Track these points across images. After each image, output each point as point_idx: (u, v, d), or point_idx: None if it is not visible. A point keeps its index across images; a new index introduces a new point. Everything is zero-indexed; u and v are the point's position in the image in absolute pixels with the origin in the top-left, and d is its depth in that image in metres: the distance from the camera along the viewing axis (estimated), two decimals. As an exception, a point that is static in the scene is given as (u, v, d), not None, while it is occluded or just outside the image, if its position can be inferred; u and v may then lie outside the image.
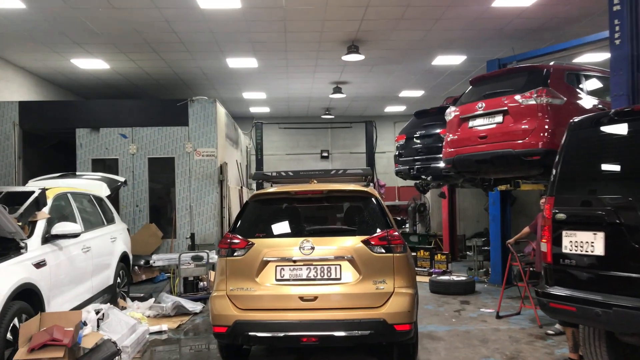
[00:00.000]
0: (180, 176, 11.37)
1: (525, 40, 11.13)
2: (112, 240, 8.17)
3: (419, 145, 11.16)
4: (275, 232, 5.27)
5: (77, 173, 9.82)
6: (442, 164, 9.31)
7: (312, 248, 4.95)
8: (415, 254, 12.75)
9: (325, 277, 4.94)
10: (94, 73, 13.25)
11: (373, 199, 5.36)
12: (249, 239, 5.09)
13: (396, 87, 15.85)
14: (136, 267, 10.49)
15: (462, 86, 13.56)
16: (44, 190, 6.12)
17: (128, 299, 8.63)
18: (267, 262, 5.01)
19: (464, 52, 12.24)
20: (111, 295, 7.95)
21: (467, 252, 11.45)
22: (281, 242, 5.09)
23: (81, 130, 11.36)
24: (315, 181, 5.79)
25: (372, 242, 4.99)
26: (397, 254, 5.02)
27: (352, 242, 4.99)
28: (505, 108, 7.66)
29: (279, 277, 4.98)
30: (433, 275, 11.06)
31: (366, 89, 16.03)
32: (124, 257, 8.58)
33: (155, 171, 11.45)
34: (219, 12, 9.33)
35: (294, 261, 4.97)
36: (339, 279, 4.93)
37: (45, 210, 6.30)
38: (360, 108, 19.17)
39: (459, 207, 14.96)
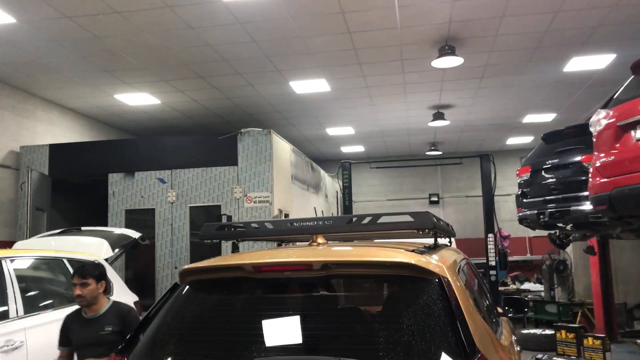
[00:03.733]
0: (227, 229, 8.89)
1: None
2: (89, 324, 5.73)
3: (551, 180, 7.89)
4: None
5: (83, 228, 7.74)
6: (588, 205, 5.99)
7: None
8: (553, 333, 8.98)
9: None
10: (147, 110, 11.51)
11: (432, 284, 2.32)
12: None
13: (517, 109, 12.34)
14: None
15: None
16: None
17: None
18: None
19: (613, 47, 8.64)
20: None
21: (638, 341, 7.65)
22: None
23: (114, 176, 9.43)
24: (319, 241, 2.86)
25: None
26: None
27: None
28: None
29: None
30: (583, 376, 7.33)
31: (478, 114, 12.70)
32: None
33: (198, 222, 9.07)
34: (253, 7, 6.92)
35: None
36: None
37: None
38: (475, 141, 15.72)
39: (614, 265, 10.86)
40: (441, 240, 3.84)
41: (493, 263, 12.52)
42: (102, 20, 7.16)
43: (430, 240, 3.27)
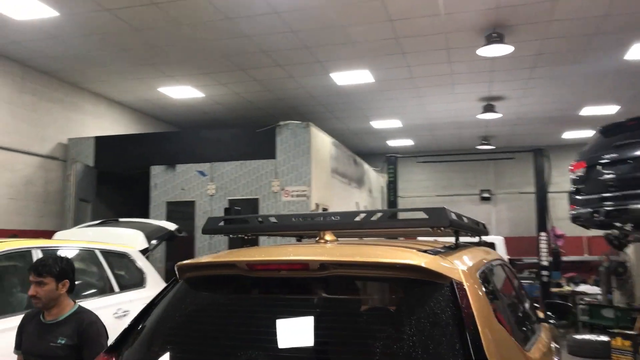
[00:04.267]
0: (265, 223, 8.78)
1: None
2: (120, 316, 5.73)
3: (608, 176, 7.43)
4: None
5: (120, 220, 7.81)
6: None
7: None
8: (608, 340, 8.37)
9: None
10: (191, 104, 11.57)
11: (442, 289, 2.08)
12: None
13: (574, 100, 11.63)
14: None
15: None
16: None
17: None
18: None
19: (680, 32, 7.95)
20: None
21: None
22: None
23: (156, 168, 9.51)
24: (327, 238, 2.64)
25: None
26: None
27: None
28: None
29: None
30: (640, 388, 6.78)
31: (531, 107, 12.06)
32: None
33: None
34: (288, -5, 6.75)
35: None
36: None
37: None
38: (529, 135, 14.98)
39: (680, 268, 10.06)
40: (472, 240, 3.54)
41: (545, 263, 11.92)
42: (140, 12, 7.17)
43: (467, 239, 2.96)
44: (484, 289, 2.41)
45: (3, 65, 8.73)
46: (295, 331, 2.15)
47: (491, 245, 10.25)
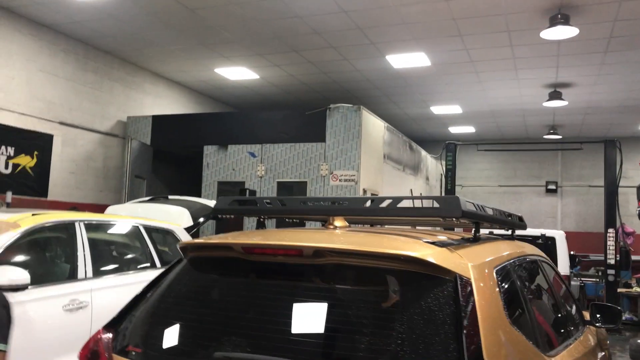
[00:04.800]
0: (313, 206, 8.72)
1: None
2: (160, 291, 5.86)
3: None
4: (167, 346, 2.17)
5: (170, 197, 7.97)
6: None
7: None
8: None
9: None
10: (247, 85, 11.63)
11: (444, 284, 1.93)
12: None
13: (653, 89, 10.78)
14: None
15: None
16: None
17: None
18: None
19: None
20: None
21: None
22: None
23: (209, 148, 9.64)
24: (337, 223, 2.50)
25: None
26: None
27: None
28: None
29: None
30: None
31: (603, 95, 11.28)
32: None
33: (285, 199, 9.02)
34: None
35: None
36: None
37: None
38: (601, 125, 14.07)
39: None
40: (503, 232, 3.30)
41: (612, 261, 11.21)
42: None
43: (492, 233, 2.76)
44: (501, 286, 2.22)
45: (67, 44, 9.08)
46: (286, 318, 2.05)
47: (551, 240, 9.76)
